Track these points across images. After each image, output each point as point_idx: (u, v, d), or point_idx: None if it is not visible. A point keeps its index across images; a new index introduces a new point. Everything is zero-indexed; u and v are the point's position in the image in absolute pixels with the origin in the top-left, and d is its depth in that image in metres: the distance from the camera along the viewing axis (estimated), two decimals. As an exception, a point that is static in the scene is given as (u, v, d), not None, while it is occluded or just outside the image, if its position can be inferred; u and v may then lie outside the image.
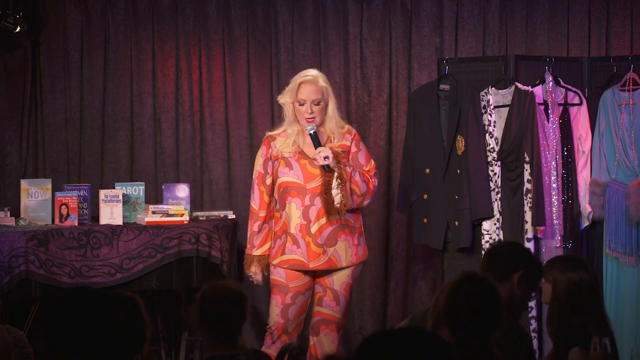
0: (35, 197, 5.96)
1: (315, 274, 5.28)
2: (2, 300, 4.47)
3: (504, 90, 6.02)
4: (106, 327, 2.98)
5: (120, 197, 5.95)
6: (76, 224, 5.86)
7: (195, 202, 6.62)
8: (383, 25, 6.83)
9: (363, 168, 5.29)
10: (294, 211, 5.21)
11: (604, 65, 6.23)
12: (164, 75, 6.73)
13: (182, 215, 5.97)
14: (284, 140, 5.28)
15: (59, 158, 6.67)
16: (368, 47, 6.83)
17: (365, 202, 5.31)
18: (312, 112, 5.20)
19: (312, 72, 5.30)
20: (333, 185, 5.15)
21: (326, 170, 5.15)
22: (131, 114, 6.73)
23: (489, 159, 6.01)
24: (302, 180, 5.21)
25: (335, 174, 5.15)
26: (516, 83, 5.99)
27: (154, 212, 5.93)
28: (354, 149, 5.30)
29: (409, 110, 6.34)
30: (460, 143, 6.05)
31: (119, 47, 6.70)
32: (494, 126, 5.99)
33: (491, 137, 5.99)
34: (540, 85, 6.09)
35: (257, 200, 5.33)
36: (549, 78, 6.08)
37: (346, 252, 5.23)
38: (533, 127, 5.90)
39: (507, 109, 5.98)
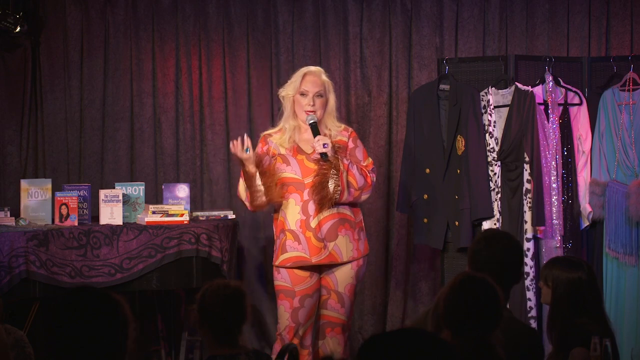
0: (35, 197, 5.96)
1: (320, 272, 5.26)
2: (2, 300, 4.46)
3: (504, 90, 6.02)
4: (108, 327, 2.98)
5: (120, 197, 5.95)
6: (76, 224, 5.86)
7: (195, 202, 6.62)
8: (383, 25, 6.84)
9: (361, 163, 5.28)
10: (293, 207, 5.20)
11: (604, 65, 6.23)
12: (164, 75, 6.73)
13: (182, 215, 5.97)
14: (281, 136, 5.28)
15: (59, 158, 6.67)
16: (368, 47, 6.83)
17: (364, 197, 5.26)
18: (313, 104, 5.22)
19: (316, 67, 5.39)
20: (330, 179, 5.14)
21: (324, 158, 5.13)
22: (131, 114, 6.73)
23: (489, 159, 6.01)
24: (299, 175, 5.21)
25: (332, 165, 5.13)
26: (516, 83, 5.99)
27: (154, 212, 5.93)
28: (351, 145, 5.30)
29: (409, 110, 6.34)
30: (460, 143, 6.05)
31: (119, 47, 6.70)
32: (494, 126, 6.00)
33: (491, 137, 5.99)
34: (540, 85, 6.09)
35: None
36: (549, 78, 6.08)
37: (347, 246, 5.20)
38: (533, 127, 5.90)
39: (507, 109, 5.99)
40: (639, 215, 5.92)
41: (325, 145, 5.11)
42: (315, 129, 5.18)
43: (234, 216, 6.21)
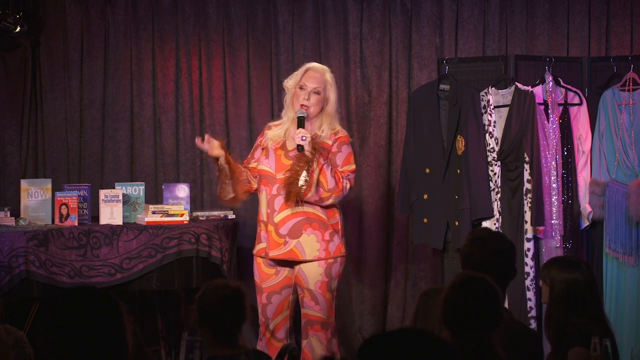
0: (35, 197, 5.96)
1: (292, 268, 5.24)
2: (2, 300, 4.46)
3: (504, 90, 6.02)
4: (108, 327, 2.98)
5: (120, 197, 5.95)
6: (76, 224, 5.86)
7: (195, 202, 6.62)
8: (383, 25, 6.83)
9: (337, 168, 5.22)
10: (263, 199, 5.24)
11: (604, 65, 6.23)
12: (164, 75, 6.73)
13: (182, 215, 5.97)
14: (278, 129, 5.30)
15: (59, 158, 6.67)
16: (368, 47, 6.83)
17: (330, 201, 5.18)
18: (308, 99, 5.20)
19: (321, 65, 5.39)
20: (302, 174, 5.11)
21: (299, 150, 5.11)
22: (131, 114, 6.73)
23: (489, 159, 6.01)
24: (273, 169, 5.22)
25: (307, 159, 5.10)
26: (516, 83, 5.99)
27: (154, 212, 5.93)
28: (334, 149, 5.23)
29: (409, 110, 6.34)
30: (460, 143, 6.05)
31: (119, 47, 6.70)
32: (494, 126, 6.00)
33: (491, 137, 5.99)
34: (540, 85, 6.09)
35: None
36: (549, 78, 6.08)
37: (312, 245, 5.16)
38: (533, 127, 5.90)
39: (507, 109, 5.99)
40: (639, 215, 5.91)
41: (304, 138, 5.09)
42: (300, 122, 5.16)
43: (234, 216, 6.22)
